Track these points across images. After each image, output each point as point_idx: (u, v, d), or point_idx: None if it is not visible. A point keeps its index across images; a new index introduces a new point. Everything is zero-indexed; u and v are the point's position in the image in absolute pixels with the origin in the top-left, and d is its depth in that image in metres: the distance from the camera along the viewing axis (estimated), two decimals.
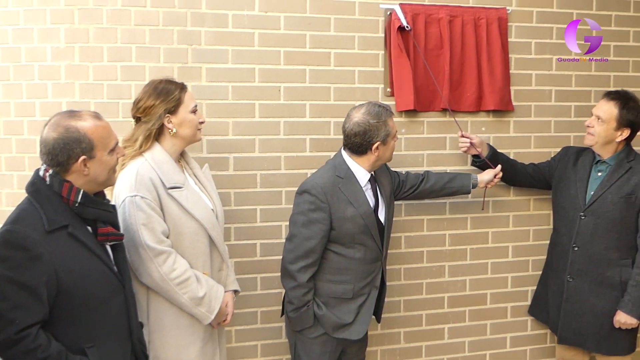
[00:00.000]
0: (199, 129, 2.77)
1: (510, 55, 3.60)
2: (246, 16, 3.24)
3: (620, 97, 3.27)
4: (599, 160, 3.37)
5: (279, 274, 3.01)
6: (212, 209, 2.78)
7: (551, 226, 3.64)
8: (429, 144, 3.55)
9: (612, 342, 3.35)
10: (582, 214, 3.32)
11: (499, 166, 3.41)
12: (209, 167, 2.96)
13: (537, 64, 3.66)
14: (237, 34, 3.24)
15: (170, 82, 2.70)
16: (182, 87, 2.70)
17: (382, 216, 3.04)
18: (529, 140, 3.69)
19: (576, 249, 3.34)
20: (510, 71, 3.61)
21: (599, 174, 3.35)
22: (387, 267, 3.20)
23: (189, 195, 2.68)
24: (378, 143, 2.90)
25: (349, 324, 2.99)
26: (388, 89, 3.43)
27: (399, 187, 3.26)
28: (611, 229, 3.28)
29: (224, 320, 2.82)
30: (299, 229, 2.90)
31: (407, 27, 3.35)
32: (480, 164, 3.49)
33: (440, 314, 3.70)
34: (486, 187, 3.42)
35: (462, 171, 3.52)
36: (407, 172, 3.33)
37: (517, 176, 3.58)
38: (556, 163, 3.57)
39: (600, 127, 3.27)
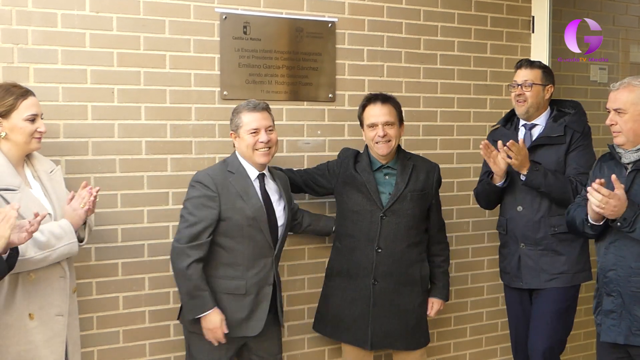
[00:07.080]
0: (36, 138, 2.75)
1: (343, 62, 3.76)
2: (76, 16, 3.16)
3: (389, 100, 3.38)
4: (381, 166, 3.44)
5: (118, 277, 3.00)
6: (50, 214, 2.73)
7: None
8: None
9: (416, 337, 3.49)
10: (382, 214, 3.36)
11: None
12: (60, 170, 2.95)
13: (369, 70, 3.84)
14: (67, 34, 3.15)
15: (13, 86, 2.72)
16: (23, 94, 2.71)
17: (279, 214, 3.20)
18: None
19: (380, 250, 3.35)
20: (344, 77, 3.77)
21: (387, 177, 3.42)
22: None
23: (23, 198, 2.64)
24: (231, 132, 3.15)
25: (244, 319, 3.08)
26: (225, 92, 3.48)
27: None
28: (411, 227, 3.39)
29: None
30: (190, 212, 3.04)
31: None
32: None
33: None
34: None
35: None
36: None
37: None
38: (338, 167, 3.52)
39: (392, 130, 3.34)
